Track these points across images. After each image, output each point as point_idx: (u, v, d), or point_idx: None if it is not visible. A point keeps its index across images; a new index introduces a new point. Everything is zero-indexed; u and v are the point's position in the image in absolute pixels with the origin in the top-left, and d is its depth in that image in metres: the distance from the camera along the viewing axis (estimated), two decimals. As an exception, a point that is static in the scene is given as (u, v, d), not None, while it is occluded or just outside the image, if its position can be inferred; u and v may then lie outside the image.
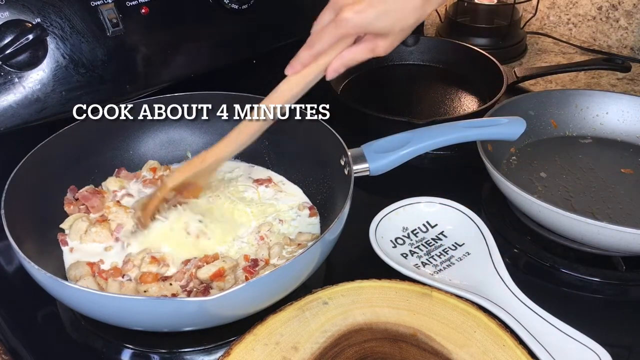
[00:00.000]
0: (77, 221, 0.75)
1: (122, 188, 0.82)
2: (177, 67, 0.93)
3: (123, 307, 0.57)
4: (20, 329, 0.67)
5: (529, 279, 0.74)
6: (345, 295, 0.65)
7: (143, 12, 0.87)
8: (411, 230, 0.78)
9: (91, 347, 0.65)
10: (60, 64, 0.81)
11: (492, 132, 0.78)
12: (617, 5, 1.30)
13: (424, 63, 1.22)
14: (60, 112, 0.82)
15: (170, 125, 0.88)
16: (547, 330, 0.63)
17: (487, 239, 0.75)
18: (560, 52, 1.34)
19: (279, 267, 0.58)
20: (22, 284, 0.69)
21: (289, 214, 0.79)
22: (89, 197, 0.77)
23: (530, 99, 0.95)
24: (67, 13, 0.80)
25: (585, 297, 0.72)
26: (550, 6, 1.42)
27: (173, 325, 0.61)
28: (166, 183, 0.71)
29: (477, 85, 1.12)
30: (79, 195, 0.78)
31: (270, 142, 0.87)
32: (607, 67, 1.06)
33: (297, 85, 0.64)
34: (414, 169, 0.81)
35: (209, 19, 0.94)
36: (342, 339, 0.61)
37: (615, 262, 0.74)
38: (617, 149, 0.93)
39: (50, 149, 0.75)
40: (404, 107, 1.08)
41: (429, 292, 0.66)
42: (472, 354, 0.59)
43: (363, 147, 0.76)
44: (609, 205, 0.81)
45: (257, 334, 0.61)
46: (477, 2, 1.33)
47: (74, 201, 0.78)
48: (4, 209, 0.64)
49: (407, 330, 0.62)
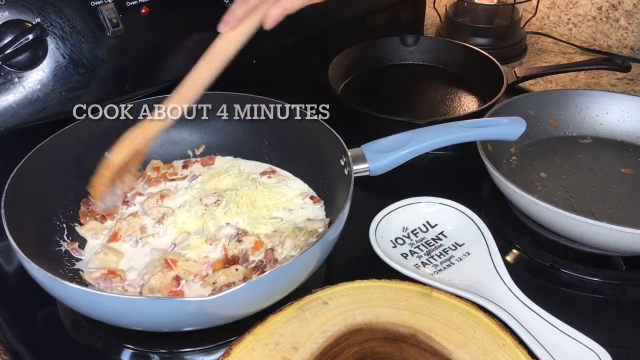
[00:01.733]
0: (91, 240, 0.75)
1: (131, 188, 0.82)
2: (177, 67, 0.92)
3: (123, 307, 0.57)
4: (20, 329, 0.67)
5: (529, 279, 0.74)
6: (345, 295, 0.65)
7: (143, 12, 0.87)
8: (411, 230, 0.78)
9: (91, 347, 0.65)
10: (60, 64, 0.81)
11: (492, 132, 0.78)
12: (617, 5, 1.30)
13: (424, 63, 1.22)
14: (60, 112, 0.82)
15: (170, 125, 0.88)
16: (547, 330, 0.63)
17: (487, 239, 0.75)
18: (560, 52, 1.34)
19: (279, 267, 0.58)
20: (22, 284, 0.69)
21: (296, 202, 0.80)
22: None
23: (530, 99, 0.95)
24: (67, 13, 0.80)
25: (585, 297, 0.72)
26: (550, 6, 1.42)
27: (173, 325, 0.61)
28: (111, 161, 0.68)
29: (477, 85, 1.12)
30: (93, 207, 0.78)
31: (270, 142, 0.87)
32: (607, 67, 1.06)
33: (234, 40, 0.63)
34: (414, 169, 0.81)
35: (209, 19, 0.94)
36: (342, 339, 0.61)
37: (615, 262, 0.74)
38: (617, 149, 0.93)
39: (50, 149, 0.75)
40: (404, 107, 1.08)
41: (429, 292, 0.66)
42: (472, 354, 0.59)
43: (363, 147, 0.76)
44: (609, 205, 0.81)
45: (257, 334, 0.61)
46: (477, 2, 1.33)
47: (88, 212, 0.78)
48: (4, 209, 0.64)
49: (407, 330, 0.62)
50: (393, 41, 1.20)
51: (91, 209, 0.78)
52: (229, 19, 0.62)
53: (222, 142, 0.89)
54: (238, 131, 0.89)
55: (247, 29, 0.63)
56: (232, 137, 0.89)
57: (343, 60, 1.11)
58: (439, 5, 1.43)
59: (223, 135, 0.89)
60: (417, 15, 1.33)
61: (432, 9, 1.43)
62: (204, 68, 0.66)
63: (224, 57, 0.65)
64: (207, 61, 0.65)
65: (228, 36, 0.63)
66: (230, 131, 0.89)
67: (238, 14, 0.62)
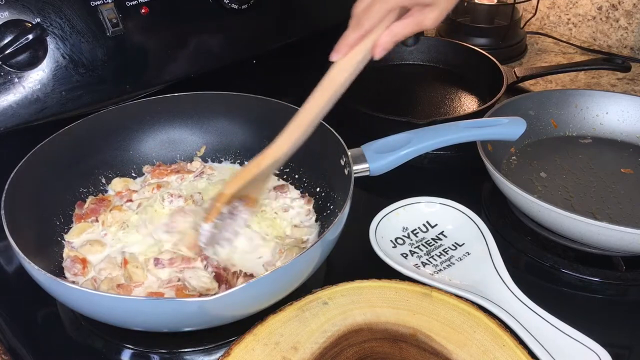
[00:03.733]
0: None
1: (126, 189, 0.82)
2: (177, 67, 0.93)
3: (123, 307, 0.57)
4: (20, 329, 0.67)
5: (529, 279, 0.74)
6: (345, 296, 0.65)
7: (143, 12, 0.87)
8: (411, 230, 0.78)
9: (91, 347, 0.65)
10: (60, 64, 0.81)
11: (492, 132, 0.78)
12: (617, 5, 1.30)
13: (424, 63, 1.22)
14: (60, 112, 0.82)
15: (170, 125, 0.88)
16: (547, 330, 0.63)
17: (487, 239, 0.75)
18: (560, 52, 1.33)
19: (279, 267, 0.58)
20: (22, 284, 0.69)
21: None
22: (96, 210, 0.77)
23: (530, 99, 0.95)
24: (67, 13, 0.80)
25: (585, 297, 0.72)
26: (550, 6, 1.42)
27: (173, 325, 0.61)
28: (224, 192, 0.64)
29: (477, 85, 1.12)
30: (87, 210, 0.78)
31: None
32: (607, 67, 1.06)
33: (347, 67, 0.62)
34: (414, 169, 0.81)
35: (209, 19, 0.94)
36: (342, 339, 0.61)
37: (615, 262, 0.74)
38: (617, 149, 0.93)
39: (50, 148, 0.75)
40: (404, 107, 1.08)
41: (429, 292, 0.66)
42: (472, 354, 0.59)
43: (363, 147, 0.76)
44: (609, 205, 0.81)
45: (257, 334, 0.61)
46: (477, 2, 1.33)
47: (83, 215, 0.78)
48: (4, 209, 0.64)
49: (407, 330, 0.62)
50: (393, 41, 1.20)
51: (85, 211, 0.77)
52: (340, 46, 0.61)
53: (222, 142, 0.89)
54: (238, 131, 0.89)
55: (358, 56, 0.61)
56: (232, 137, 0.89)
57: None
58: (439, 5, 1.43)
59: (223, 135, 0.89)
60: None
61: (432, 9, 1.43)
62: (317, 100, 0.63)
63: (336, 88, 0.63)
64: (320, 92, 0.63)
65: (339, 65, 0.62)
66: (230, 131, 0.89)
67: (350, 40, 0.61)
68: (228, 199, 0.63)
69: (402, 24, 0.61)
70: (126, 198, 0.80)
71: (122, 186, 0.82)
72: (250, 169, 0.64)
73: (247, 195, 0.65)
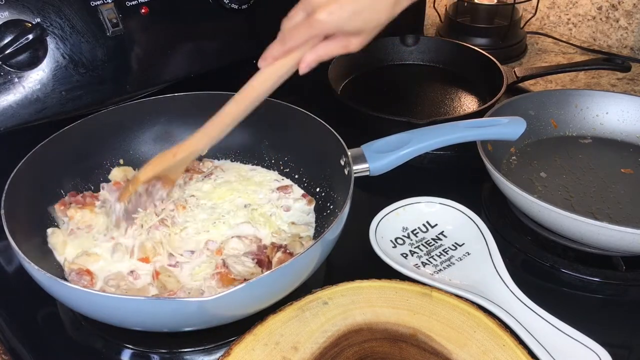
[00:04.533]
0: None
1: (125, 180, 0.82)
2: (177, 67, 0.93)
3: (123, 307, 0.57)
4: (20, 329, 0.67)
5: (529, 279, 0.74)
6: (345, 295, 0.65)
7: (143, 12, 0.87)
8: (411, 230, 0.78)
9: (91, 347, 0.65)
10: (60, 64, 0.81)
11: (492, 132, 0.78)
12: (617, 5, 1.30)
13: (424, 63, 1.22)
14: (60, 112, 0.82)
15: (170, 125, 0.88)
16: (547, 330, 0.63)
17: (487, 239, 0.75)
18: (560, 52, 1.33)
19: (279, 267, 0.58)
20: (22, 284, 0.69)
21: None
22: (79, 201, 0.77)
23: (530, 99, 0.95)
24: (67, 13, 0.80)
25: (585, 297, 0.72)
26: (550, 6, 1.42)
27: (173, 325, 0.61)
28: (138, 176, 0.71)
29: (477, 85, 1.12)
30: (73, 200, 0.77)
31: (270, 142, 0.87)
32: (607, 67, 1.06)
33: (270, 78, 0.64)
34: (414, 169, 0.81)
35: (209, 19, 0.94)
36: (342, 339, 0.61)
37: (615, 262, 0.74)
38: (617, 149, 0.93)
39: (50, 148, 0.75)
40: (404, 107, 1.08)
41: (429, 292, 0.66)
42: (472, 354, 0.59)
43: (363, 147, 0.76)
44: (609, 205, 0.81)
45: (257, 334, 0.61)
46: (477, 2, 1.33)
47: (67, 204, 0.77)
48: (4, 208, 0.64)
49: (407, 330, 0.62)
50: (393, 41, 1.20)
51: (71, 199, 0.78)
52: (266, 55, 0.63)
53: (222, 142, 0.88)
54: (238, 131, 0.88)
55: (282, 69, 0.63)
56: (232, 137, 0.88)
57: (343, 60, 1.11)
58: (439, 5, 1.43)
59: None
60: (417, 15, 1.33)
61: (432, 9, 1.43)
62: (234, 105, 0.67)
63: (257, 95, 0.66)
64: (242, 97, 0.66)
65: (264, 74, 0.64)
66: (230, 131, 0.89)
67: (275, 53, 0.63)
68: (142, 183, 0.71)
69: (327, 47, 0.62)
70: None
71: (121, 176, 0.83)
72: (166, 158, 0.71)
73: (165, 175, 0.72)
